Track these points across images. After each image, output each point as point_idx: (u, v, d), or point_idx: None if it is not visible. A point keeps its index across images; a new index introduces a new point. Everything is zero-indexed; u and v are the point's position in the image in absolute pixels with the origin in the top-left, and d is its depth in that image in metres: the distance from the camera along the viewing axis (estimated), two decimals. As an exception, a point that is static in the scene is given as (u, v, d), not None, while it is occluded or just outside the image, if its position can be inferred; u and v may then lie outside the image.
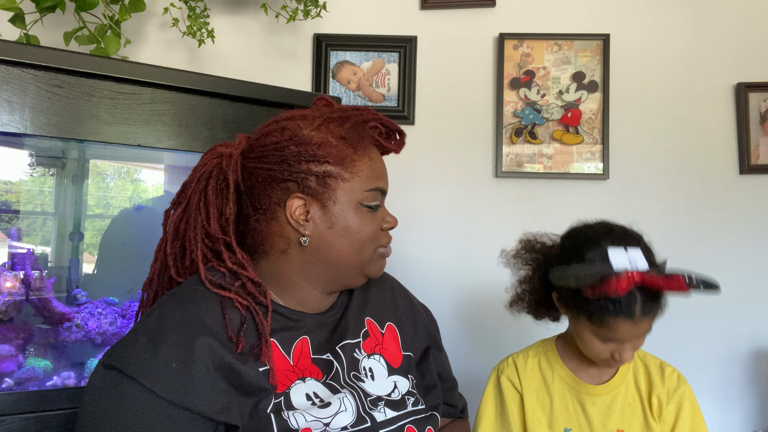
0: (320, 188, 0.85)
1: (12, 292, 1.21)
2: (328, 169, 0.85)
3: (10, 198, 1.32)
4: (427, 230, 1.85)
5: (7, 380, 1.15)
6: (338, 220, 0.86)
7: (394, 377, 0.94)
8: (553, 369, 1.11)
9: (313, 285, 0.90)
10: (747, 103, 1.84)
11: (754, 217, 1.84)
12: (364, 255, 0.89)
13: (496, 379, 1.14)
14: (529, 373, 1.11)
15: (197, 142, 1.25)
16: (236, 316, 0.82)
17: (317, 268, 0.88)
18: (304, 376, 0.84)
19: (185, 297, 0.83)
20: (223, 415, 0.74)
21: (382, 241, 0.91)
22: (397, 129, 0.94)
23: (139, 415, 0.72)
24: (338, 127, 0.87)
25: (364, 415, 0.85)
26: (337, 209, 0.86)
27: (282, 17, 1.75)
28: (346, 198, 0.86)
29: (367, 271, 0.91)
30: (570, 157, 1.84)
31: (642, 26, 1.88)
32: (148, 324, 0.79)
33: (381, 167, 0.91)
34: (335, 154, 0.85)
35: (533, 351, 1.15)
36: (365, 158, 0.88)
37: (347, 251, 0.87)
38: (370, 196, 0.88)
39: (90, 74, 1.13)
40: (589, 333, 0.99)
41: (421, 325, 1.05)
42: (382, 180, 0.91)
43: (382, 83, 1.87)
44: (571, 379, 1.09)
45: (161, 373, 0.73)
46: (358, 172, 0.87)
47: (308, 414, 0.80)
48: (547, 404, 1.08)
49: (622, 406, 1.05)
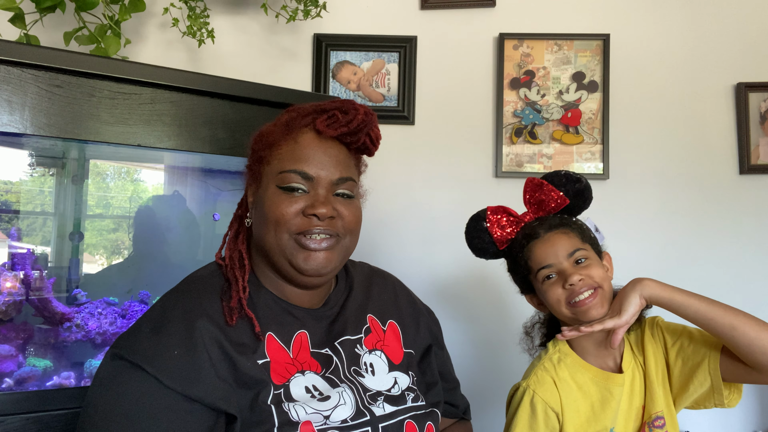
0: (256, 172, 0.91)
1: (12, 292, 1.21)
2: (260, 154, 0.90)
3: (10, 198, 1.32)
4: (427, 230, 1.85)
5: (7, 380, 1.15)
6: (259, 202, 0.89)
7: (395, 373, 0.94)
8: (582, 372, 1.06)
9: (276, 275, 0.91)
10: (747, 103, 1.84)
11: (754, 217, 1.84)
12: (279, 239, 0.86)
13: (530, 400, 1.04)
14: (566, 387, 1.05)
15: (197, 142, 1.25)
16: (230, 300, 0.85)
17: (260, 254, 0.92)
18: (303, 369, 0.85)
19: (186, 289, 0.87)
20: (224, 404, 0.75)
21: (302, 227, 0.85)
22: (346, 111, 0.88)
23: (144, 402, 0.73)
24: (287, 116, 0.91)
25: (363, 409, 0.85)
26: (260, 191, 0.90)
27: (282, 17, 1.75)
28: (267, 179, 0.89)
29: (292, 262, 0.86)
30: (570, 157, 1.84)
31: (642, 26, 1.88)
32: (151, 315, 0.82)
33: (308, 152, 0.87)
34: (269, 139, 0.90)
35: (555, 358, 1.08)
36: (290, 141, 0.89)
37: (263, 232, 0.88)
38: (285, 177, 0.87)
39: (90, 74, 1.13)
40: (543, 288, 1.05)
41: (423, 323, 1.06)
42: (303, 164, 0.86)
43: (382, 83, 1.87)
44: (600, 376, 1.06)
45: (165, 361, 0.75)
46: (279, 154, 0.89)
47: (308, 406, 0.81)
48: (589, 410, 1.04)
49: (638, 382, 1.06)
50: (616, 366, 1.08)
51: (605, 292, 1.03)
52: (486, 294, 1.83)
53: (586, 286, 1.02)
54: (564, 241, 1.05)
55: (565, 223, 1.08)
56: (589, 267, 1.03)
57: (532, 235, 1.07)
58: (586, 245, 1.06)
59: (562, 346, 1.09)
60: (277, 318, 0.88)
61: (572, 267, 1.03)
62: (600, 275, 1.03)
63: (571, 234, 1.06)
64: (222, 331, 0.80)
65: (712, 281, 1.81)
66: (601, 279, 1.03)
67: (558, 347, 1.10)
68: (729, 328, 0.92)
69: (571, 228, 1.07)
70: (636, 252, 1.82)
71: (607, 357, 1.08)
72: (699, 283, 1.85)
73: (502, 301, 1.82)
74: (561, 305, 1.04)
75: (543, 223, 1.08)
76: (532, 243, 1.07)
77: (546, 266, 1.04)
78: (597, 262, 1.05)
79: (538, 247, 1.06)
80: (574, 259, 1.04)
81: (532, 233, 1.07)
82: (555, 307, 1.05)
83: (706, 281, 1.80)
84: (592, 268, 1.03)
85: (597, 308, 1.02)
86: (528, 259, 1.07)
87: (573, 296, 1.02)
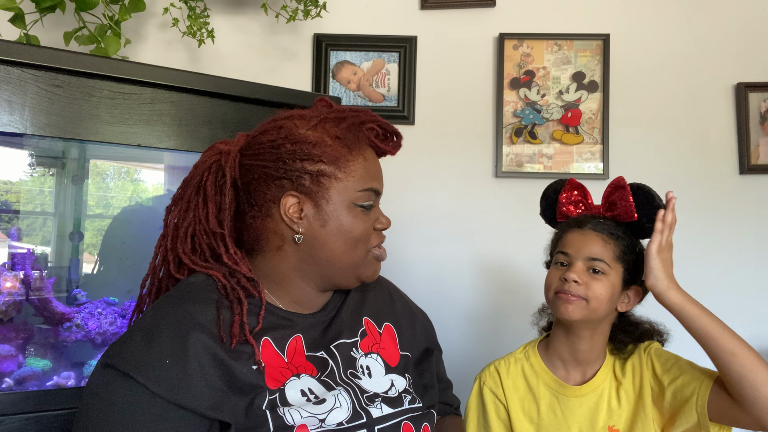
0: (314, 187, 0.86)
1: (12, 292, 1.21)
2: (322, 168, 0.86)
3: (10, 198, 1.32)
4: (427, 230, 1.85)
5: (7, 380, 1.15)
6: (331, 219, 0.87)
7: (392, 375, 0.94)
8: (538, 375, 1.08)
9: (307, 282, 0.91)
10: (747, 103, 1.84)
11: (754, 217, 1.84)
12: (356, 255, 0.89)
13: (478, 390, 1.11)
14: (513, 381, 1.09)
15: (197, 142, 1.25)
16: (230, 315, 0.83)
17: (311, 266, 0.89)
18: (298, 372, 0.85)
19: (180, 297, 0.85)
20: (215, 412, 0.75)
21: (375, 242, 0.92)
22: (394, 131, 0.95)
23: (133, 412, 0.73)
24: (334, 127, 0.88)
25: (359, 410, 0.85)
26: (330, 208, 0.87)
27: (282, 17, 1.75)
28: (339, 197, 0.87)
29: (360, 273, 0.91)
30: (570, 157, 1.84)
31: (642, 26, 1.88)
32: (143, 323, 0.81)
33: (376, 168, 0.92)
34: (329, 153, 0.86)
35: (515, 357, 1.11)
36: (359, 158, 0.89)
37: (339, 250, 0.88)
38: (364, 196, 0.89)
39: (90, 74, 1.13)
40: (550, 268, 1.08)
41: (419, 326, 1.06)
42: (376, 181, 0.91)
43: (382, 83, 1.87)
44: (556, 383, 1.06)
45: (155, 370, 0.74)
46: (352, 172, 0.87)
47: (303, 410, 0.80)
48: (534, 412, 1.06)
49: (608, 402, 1.04)
50: (583, 382, 1.06)
51: (590, 309, 1.00)
52: (486, 294, 1.83)
53: (576, 291, 1.00)
54: (596, 244, 1.02)
55: (612, 232, 1.04)
56: (596, 281, 1.00)
57: (579, 223, 1.07)
58: (616, 264, 1.02)
59: (531, 350, 1.11)
60: (272, 323, 0.87)
61: (582, 269, 1.01)
62: (599, 295, 1.00)
63: (608, 245, 1.02)
64: (215, 339, 0.79)
65: (712, 281, 1.81)
66: (597, 299, 0.99)
67: (527, 349, 1.12)
68: (729, 353, 0.90)
69: (615, 240, 1.03)
70: (636, 252, 1.82)
71: (575, 372, 1.07)
72: (699, 283, 1.85)
73: (502, 300, 1.82)
74: (550, 290, 1.05)
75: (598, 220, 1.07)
76: (573, 228, 1.07)
77: (564, 253, 1.05)
78: (609, 284, 1.01)
79: (574, 234, 1.05)
80: (591, 266, 1.01)
81: (581, 221, 1.07)
82: (546, 289, 1.07)
83: (706, 281, 1.80)
84: (597, 283, 1.00)
85: (574, 311, 0.99)
86: (560, 237, 1.08)
87: (562, 289, 1.02)
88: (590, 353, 1.06)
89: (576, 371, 1.07)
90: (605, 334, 1.07)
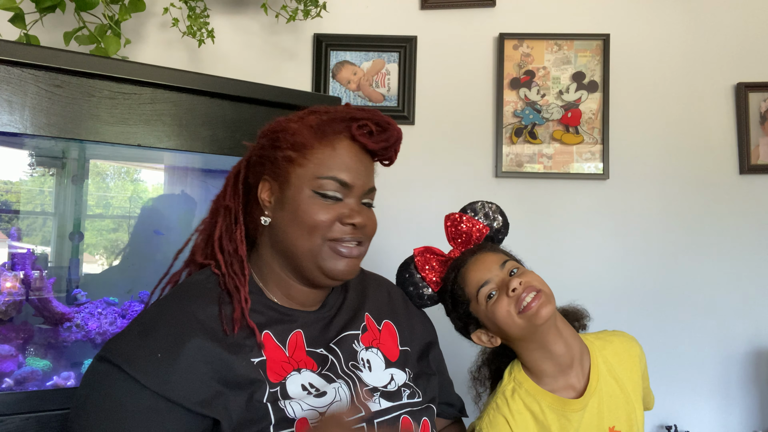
0: (280, 171, 0.89)
1: (12, 292, 1.21)
2: (288, 154, 0.88)
3: (10, 198, 1.32)
4: (427, 230, 1.85)
5: (7, 380, 1.15)
6: (289, 203, 0.88)
7: (392, 370, 0.95)
8: (538, 400, 1.02)
9: (287, 274, 0.91)
10: (747, 103, 1.84)
11: (754, 217, 1.84)
12: (312, 242, 0.87)
13: None
14: (521, 420, 1.01)
15: (197, 142, 1.25)
16: (231, 310, 0.84)
17: (279, 253, 0.91)
18: (299, 367, 0.86)
19: (182, 293, 0.87)
20: (204, 408, 0.75)
21: (336, 234, 0.88)
22: (384, 128, 0.92)
23: (124, 404, 0.74)
24: (316, 118, 0.90)
25: (358, 405, 0.86)
26: (290, 192, 0.88)
27: (282, 17, 1.75)
28: (298, 182, 0.88)
29: (322, 266, 0.88)
30: (570, 157, 1.84)
31: (642, 26, 1.88)
32: (142, 319, 0.83)
33: (346, 160, 0.89)
34: (298, 141, 0.88)
35: (509, 390, 1.04)
36: (327, 148, 0.89)
37: (293, 235, 0.88)
38: (324, 184, 0.87)
39: (90, 74, 1.13)
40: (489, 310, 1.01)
41: (418, 323, 1.08)
42: (342, 172, 0.88)
43: (382, 83, 1.87)
44: (558, 402, 1.02)
45: (145, 363, 0.75)
46: (314, 159, 0.88)
47: (304, 403, 0.81)
48: None
49: (607, 402, 1.03)
50: (580, 386, 1.04)
51: (547, 294, 1.00)
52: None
53: (527, 289, 0.98)
54: (492, 257, 1.04)
55: (487, 245, 1.09)
56: (524, 275, 1.01)
57: (461, 264, 1.05)
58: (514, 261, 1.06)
59: (518, 374, 1.05)
60: (273, 318, 0.88)
61: (508, 277, 1.01)
62: (537, 279, 1.01)
63: (498, 252, 1.06)
64: (214, 337, 0.80)
65: (712, 281, 1.81)
66: (540, 283, 1.01)
67: (513, 375, 1.05)
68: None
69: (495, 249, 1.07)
70: (636, 252, 1.82)
71: (570, 377, 1.04)
72: (699, 283, 1.86)
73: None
74: (513, 317, 0.99)
75: (468, 251, 1.08)
76: (462, 270, 1.04)
77: (484, 283, 1.01)
78: (530, 271, 1.04)
79: (470, 270, 1.04)
80: (507, 271, 1.02)
81: (461, 262, 1.06)
82: (507, 322, 1.00)
83: (706, 281, 1.80)
84: (526, 275, 1.01)
85: (546, 306, 0.98)
86: (464, 286, 1.04)
87: (520, 303, 0.98)
88: (570, 350, 1.03)
89: (571, 375, 1.04)
90: (568, 325, 1.06)
